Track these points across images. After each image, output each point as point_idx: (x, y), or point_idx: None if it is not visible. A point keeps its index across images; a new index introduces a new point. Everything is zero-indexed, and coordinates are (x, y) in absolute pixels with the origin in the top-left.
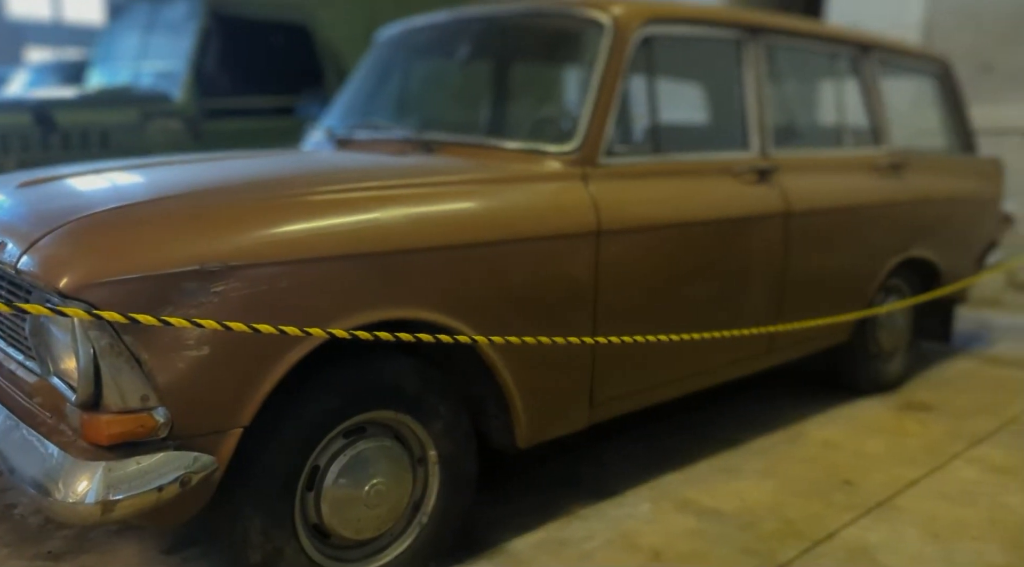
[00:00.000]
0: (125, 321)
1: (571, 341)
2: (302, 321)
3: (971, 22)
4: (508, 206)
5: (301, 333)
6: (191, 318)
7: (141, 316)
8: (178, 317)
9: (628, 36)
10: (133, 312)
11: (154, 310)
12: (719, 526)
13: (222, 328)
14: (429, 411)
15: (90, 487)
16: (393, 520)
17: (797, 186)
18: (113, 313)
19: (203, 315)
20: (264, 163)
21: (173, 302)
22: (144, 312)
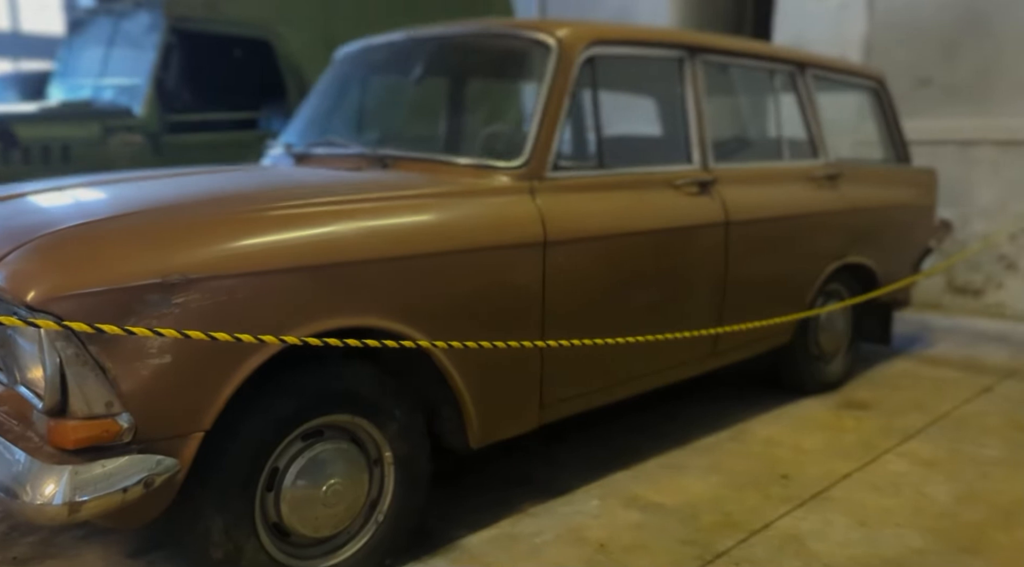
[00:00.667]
0: (91, 331)
1: (511, 345)
2: (260, 330)
3: (909, 39)
4: (458, 219)
5: (256, 340)
6: (152, 327)
7: (106, 326)
8: (141, 327)
9: (573, 57)
10: (98, 323)
11: (118, 321)
12: (662, 519)
13: (182, 337)
14: (384, 414)
15: (57, 489)
16: (350, 519)
17: (736, 197)
18: (80, 323)
19: (165, 325)
20: (223, 179)
21: (136, 313)
22: (109, 323)
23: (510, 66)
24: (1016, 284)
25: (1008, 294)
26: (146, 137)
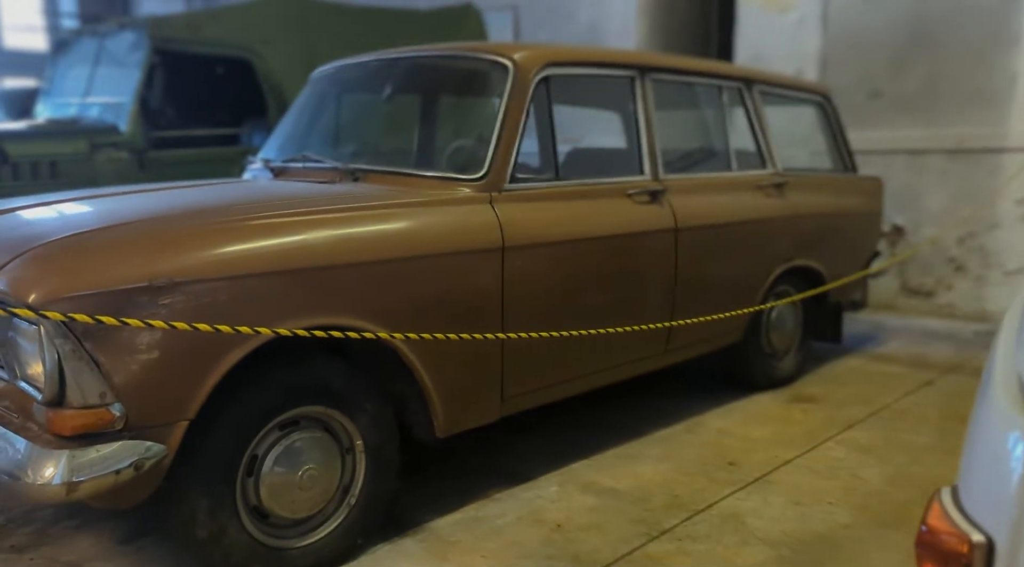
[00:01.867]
0: (92, 322)
1: (463, 337)
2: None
3: (860, 53)
4: (423, 227)
5: (233, 331)
6: (144, 319)
7: (105, 318)
8: (131, 328)
9: (529, 77)
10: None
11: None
12: (615, 502)
13: (169, 327)
14: (356, 407)
15: (56, 471)
16: (325, 502)
17: (685, 205)
18: (82, 315)
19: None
20: (206, 192)
21: (127, 313)
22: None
23: (472, 86)
24: (964, 286)
25: (957, 295)
26: (131, 153)
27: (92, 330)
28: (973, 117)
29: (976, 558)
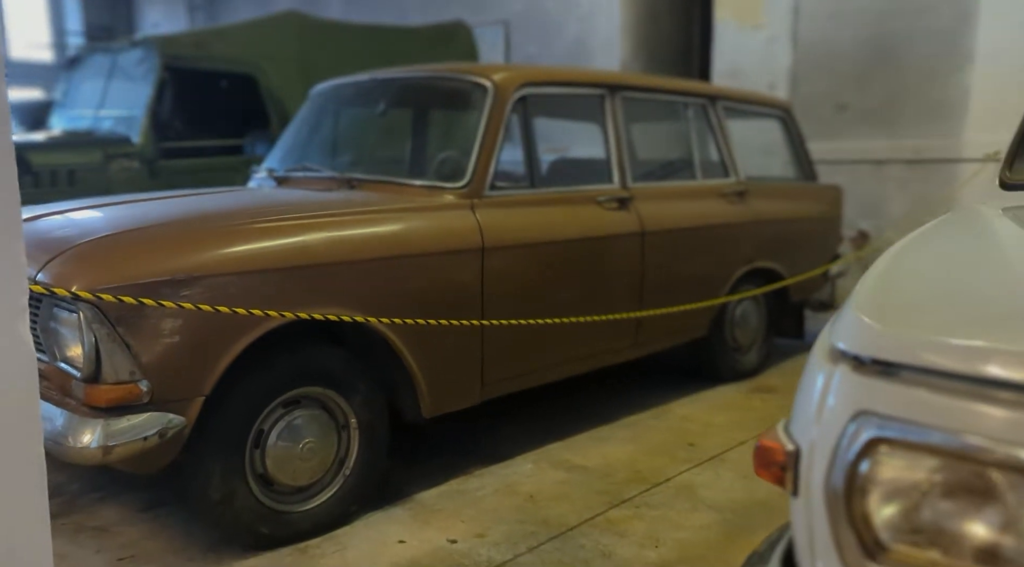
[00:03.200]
0: (135, 303)
1: (442, 323)
2: (248, 317)
3: (828, 69)
4: (410, 229)
5: (247, 313)
6: (177, 302)
7: (146, 300)
8: (157, 314)
9: (506, 96)
10: (124, 312)
11: (140, 309)
12: (583, 476)
13: (196, 309)
14: (350, 389)
15: (93, 437)
16: (322, 472)
17: (651, 211)
18: (127, 297)
19: (175, 312)
20: (217, 199)
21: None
22: (132, 311)
23: (456, 103)
24: None
25: None
26: (142, 162)
27: (124, 317)
28: (930, 129)
29: (788, 462)
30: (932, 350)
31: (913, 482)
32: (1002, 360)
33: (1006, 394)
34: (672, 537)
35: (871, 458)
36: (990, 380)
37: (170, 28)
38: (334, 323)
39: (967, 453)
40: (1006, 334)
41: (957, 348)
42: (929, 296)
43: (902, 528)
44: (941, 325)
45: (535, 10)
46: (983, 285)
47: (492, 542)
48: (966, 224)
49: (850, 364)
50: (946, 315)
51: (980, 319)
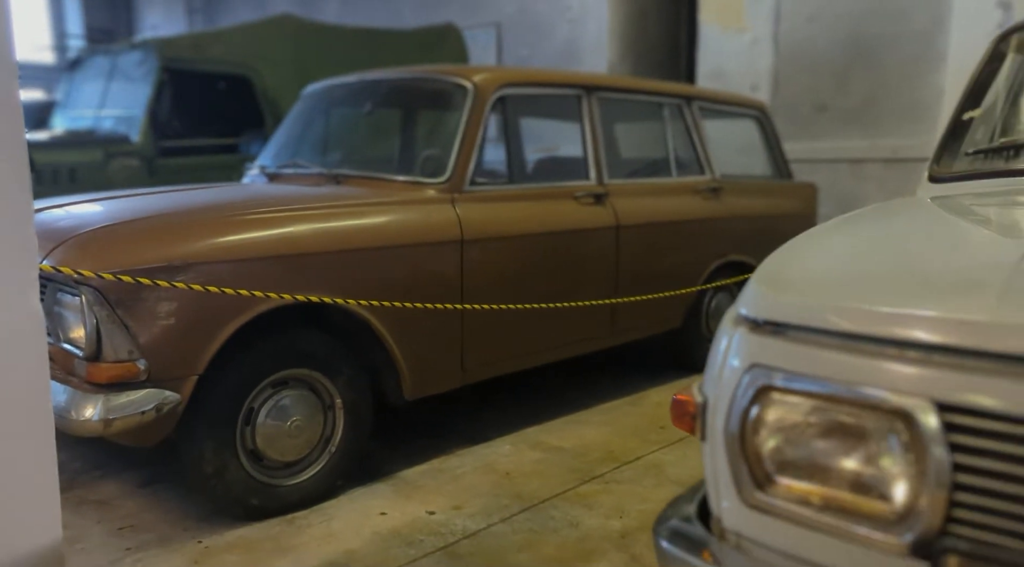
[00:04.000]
0: (133, 282)
1: (417, 305)
2: (240, 302)
3: (808, 70)
4: (393, 222)
5: (234, 293)
6: (171, 284)
7: (143, 279)
8: (153, 298)
9: (486, 97)
10: (123, 295)
11: (137, 293)
12: (558, 456)
13: (187, 288)
14: (335, 371)
15: (95, 411)
16: (309, 448)
17: (626, 206)
18: (126, 276)
19: (170, 296)
20: (211, 193)
21: (151, 287)
22: (130, 294)
23: (438, 103)
24: None
25: None
26: (142, 161)
27: (123, 300)
28: (906, 129)
29: (698, 412)
30: (811, 312)
31: (794, 423)
32: (866, 318)
33: (869, 346)
34: (636, 508)
35: (761, 403)
36: (856, 335)
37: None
38: (320, 309)
39: (838, 397)
40: (874, 297)
41: (831, 309)
42: (819, 269)
43: (785, 462)
44: (820, 292)
45: (526, 13)
46: (873, 259)
47: (468, 513)
48: (890, 210)
49: (748, 326)
50: (827, 283)
51: (855, 286)
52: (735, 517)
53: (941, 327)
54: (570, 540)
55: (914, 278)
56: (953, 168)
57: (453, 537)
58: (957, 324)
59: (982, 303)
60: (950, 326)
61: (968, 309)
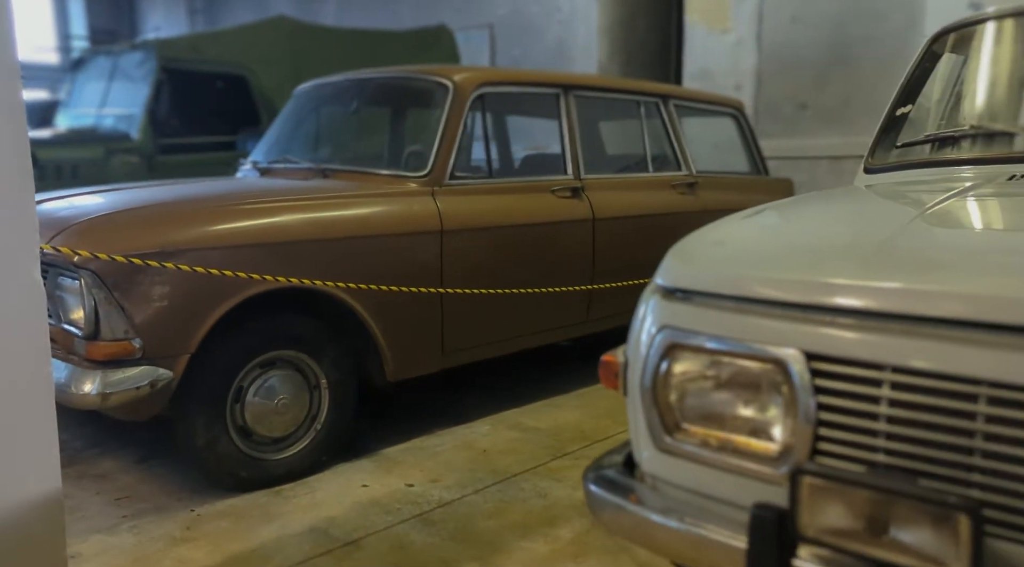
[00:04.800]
0: (127, 262)
1: (392, 289)
2: (230, 286)
3: (789, 70)
4: (376, 212)
5: (220, 274)
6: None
7: (135, 259)
8: (148, 281)
9: (466, 95)
10: (119, 279)
11: (132, 276)
12: (534, 436)
13: (176, 269)
14: (321, 352)
15: (93, 386)
16: (296, 425)
17: (601, 200)
18: (119, 257)
19: (163, 280)
20: (204, 185)
21: (144, 272)
22: (126, 278)
23: (420, 101)
24: None
25: None
26: (141, 158)
27: (119, 283)
28: None
29: (620, 371)
30: (710, 280)
31: (696, 376)
32: (752, 284)
33: (754, 307)
34: None
35: (669, 359)
36: (744, 298)
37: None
38: (306, 294)
39: (730, 352)
40: (761, 267)
41: (724, 278)
42: (723, 245)
43: (690, 410)
44: (719, 264)
45: (518, 14)
46: (771, 236)
47: (444, 486)
48: (816, 196)
49: (661, 293)
50: (726, 257)
51: (748, 258)
52: (651, 461)
53: (810, 289)
54: (537, 508)
55: (799, 250)
56: (886, 160)
57: (428, 506)
58: (822, 286)
59: (847, 269)
60: (816, 288)
61: (833, 274)
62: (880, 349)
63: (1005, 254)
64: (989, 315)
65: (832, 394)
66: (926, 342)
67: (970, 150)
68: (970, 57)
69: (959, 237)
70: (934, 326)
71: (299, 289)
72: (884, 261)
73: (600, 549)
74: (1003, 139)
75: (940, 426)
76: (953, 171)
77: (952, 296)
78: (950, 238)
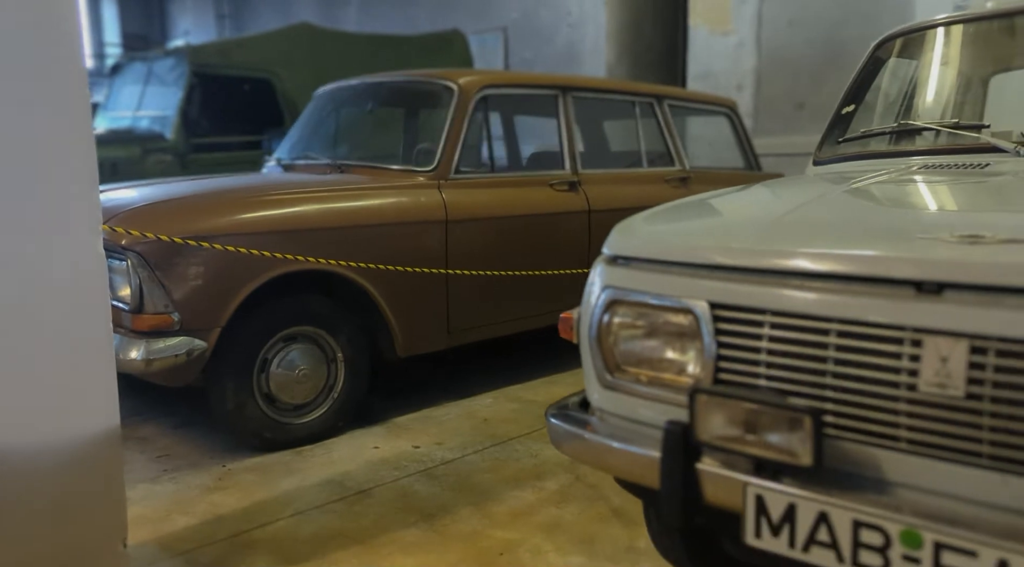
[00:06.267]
0: (181, 243)
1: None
2: (256, 267)
3: (787, 70)
4: (387, 204)
5: (248, 252)
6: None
7: (178, 239)
8: (184, 263)
9: (470, 97)
10: (161, 260)
11: (172, 259)
12: (531, 407)
13: (210, 247)
14: (337, 329)
15: (139, 353)
16: (315, 394)
17: (597, 193)
18: (164, 236)
19: (198, 262)
20: (232, 180)
21: (182, 254)
22: (167, 259)
23: (429, 103)
24: None
25: None
26: (175, 156)
27: (160, 264)
28: None
29: (574, 325)
30: (643, 249)
31: (631, 325)
32: (671, 250)
33: (673, 268)
34: None
35: (610, 313)
36: (666, 261)
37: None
38: (324, 277)
39: (654, 305)
40: (681, 237)
41: (655, 246)
42: (659, 222)
43: (627, 354)
44: (650, 236)
45: (530, 18)
46: (704, 214)
47: (447, 448)
48: (765, 184)
49: (606, 260)
50: (656, 231)
51: (673, 231)
52: (598, 397)
53: (712, 253)
54: (528, 466)
55: (712, 225)
56: (832, 153)
57: (432, 463)
58: (721, 250)
59: (742, 237)
60: (717, 252)
61: (731, 241)
62: (762, 298)
63: (866, 224)
64: (837, 268)
65: (729, 334)
66: (793, 291)
67: (897, 144)
68: (918, 61)
69: (840, 212)
70: (799, 278)
71: (317, 272)
72: (773, 231)
73: (580, 497)
74: (929, 135)
75: (803, 355)
76: (880, 162)
77: (810, 255)
78: (832, 212)
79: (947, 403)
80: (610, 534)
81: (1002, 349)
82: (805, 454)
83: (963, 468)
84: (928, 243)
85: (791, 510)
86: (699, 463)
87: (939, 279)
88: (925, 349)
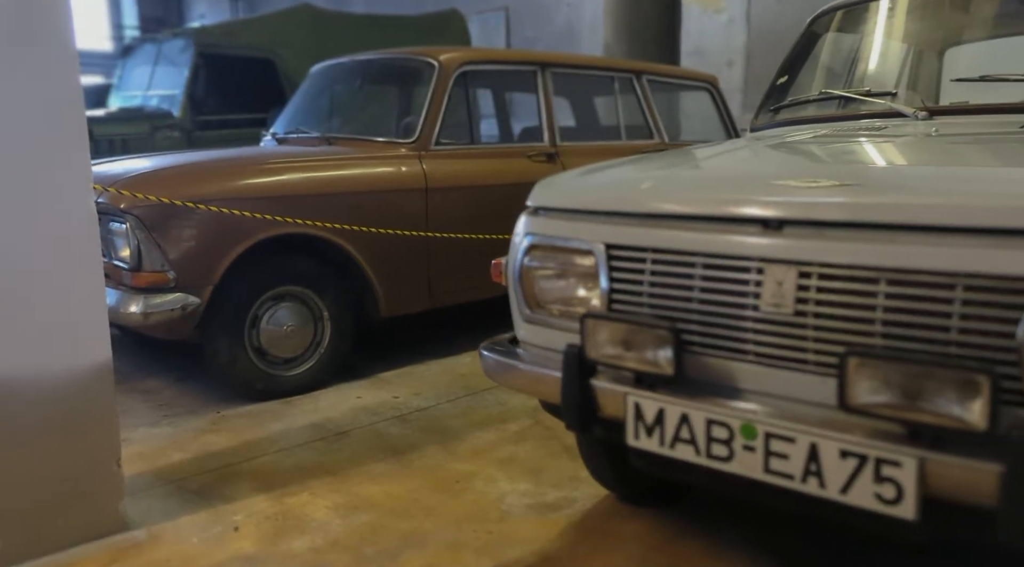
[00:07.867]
0: (170, 203)
1: (377, 230)
2: (248, 229)
3: (777, 46)
4: (370, 173)
5: (239, 214)
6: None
7: (177, 200)
8: (179, 225)
9: (450, 72)
10: (157, 222)
11: (168, 221)
12: None
13: (217, 210)
14: (323, 289)
15: (138, 307)
16: (303, 349)
17: (575, 164)
18: (165, 198)
19: (192, 224)
20: (228, 152)
21: (179, 216)
22: (163, 222)
23: (412, 78)
24: None
25: None
26: (182, 133)
27: (157, 225)
28: None
29: (503, 269)
30: (556, 200)
31: (545, 266)
32: (575, 199)
33: (577, 216)
34: None
35: (529, 256)
36: (571, 210)
37: (215, 18)
38: (310, 240)
39: (562, 247)
40: (587, 190)
41: (565, 198)
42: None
43: (543, 291)
44: (563, 190)
45: None
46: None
47: (423, 397)
48: (699, 147)
49: (529, 211)
50: (571, 186)
51: (584, 185)
52: (522, 331)
53: (607, 201)
54: (495, 412)
55: (625, 178)
56: (769, 120)
57: (407, 410)
58: (615, 199)
59: (635, 187)
60: (611, 200)
61: (624, 191)
62: (645, 238)
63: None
64: (702, 210)
65: (620, 271)
66: (668, 231)
67: (821, 110)
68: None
69: (728, 167)
70: (673, 220)
71: (304, 235)
72: (662, 182)
73: (536, 436)
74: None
75: (676, 285)
76: (802, 128)
77: (682, 200)
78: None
79: (781, 320)
80: (558, 466)
81: (823, 273)
82: (668, 366)
83: (794, 373)
84: (777, 188)
85: (660, 414)
86: (593, 379)
87: (779, 217)
88: (766, 276)
